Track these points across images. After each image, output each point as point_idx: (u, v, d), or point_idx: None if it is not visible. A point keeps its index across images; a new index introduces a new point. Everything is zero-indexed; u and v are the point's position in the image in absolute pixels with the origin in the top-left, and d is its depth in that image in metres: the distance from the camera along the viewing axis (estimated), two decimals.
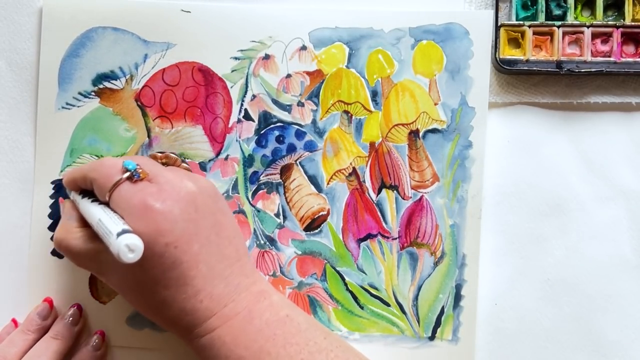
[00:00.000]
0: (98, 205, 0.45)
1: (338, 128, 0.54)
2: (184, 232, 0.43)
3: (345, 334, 0.53)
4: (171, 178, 0.44)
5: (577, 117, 0.54)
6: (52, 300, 0.53)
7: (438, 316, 0.53)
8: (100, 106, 0.54)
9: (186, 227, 0.43)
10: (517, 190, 0.54)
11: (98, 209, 0.44)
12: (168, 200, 0.43)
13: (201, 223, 0.44)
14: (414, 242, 0.53)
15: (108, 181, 0.43)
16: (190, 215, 0.43)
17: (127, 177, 0.43)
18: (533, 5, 0.54)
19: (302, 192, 0.54)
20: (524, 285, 0.54)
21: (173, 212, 0.42)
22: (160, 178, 0.44)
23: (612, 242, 0.54)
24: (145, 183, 0.43)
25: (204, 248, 0.44)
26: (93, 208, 0.44)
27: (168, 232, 0.42)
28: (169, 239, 0.42)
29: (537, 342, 0.54)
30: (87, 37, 0.54)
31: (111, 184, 0.43)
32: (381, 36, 0.53)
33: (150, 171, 0.44)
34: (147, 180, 0.44)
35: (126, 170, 0.44)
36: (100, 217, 0.42)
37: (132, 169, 0.43)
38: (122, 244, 0.39)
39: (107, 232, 0.40)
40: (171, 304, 0.43)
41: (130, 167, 0.44)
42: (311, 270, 0.54)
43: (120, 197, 0.43)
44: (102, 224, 0.42)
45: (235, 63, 0.54)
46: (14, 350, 0.49)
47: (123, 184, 0.43)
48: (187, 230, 0.43)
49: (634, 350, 0.53)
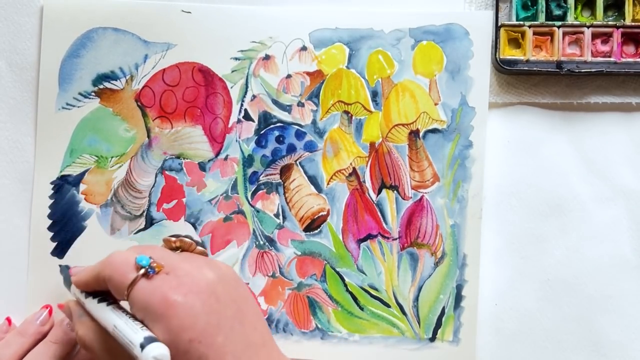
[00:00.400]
0: (108, 307, 0.44)
1: (338, 128, 0.54)
2: (207, 326, 0.41)
3: (345, 336, 0.53)
4: (189, 269, 0.43)
5: (577, 117, 0.54)
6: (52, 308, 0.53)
7: (439, 317, 0.53)
8: (100, 106, 0.54)
9: (209, 320, 0.41)
10: (517, 191, 0.54)
11: (110, 314, 0.43)
12: (189, 294, 0.41)
13: (223, 313, 0.42)
14: (414, 242, 0.53)
15: (123, 280, 0.42)
16: (212, 306, 0.42)
17: (143, 274, 0.42)
18: (533, 5, 0.54)
19: (302, 193, 0.53)
20: (524, 285, 0.54)
21: (195, 306, 0.41)
22: (178, 270, 0.43)
23: (612, 242, 0.54)
24: (162, 277, 0.42)
25: (229, 339, 0.42)
26: (105, 313, 0.43)
27: (191, 327, 0.41)
28: (192, 334, 0.40)
29: (537, 342, 0.53)
30: (87, 38, 0.54)
31: (127, 283, 0.42)
32: (381, 37, 0.54)
33: (166, 263, 0.43)
34: (164, 272, 0.43)
35: (140, 267, 0.42)
36: (115, 324, 0.41)
37: (145, 265, 0.42)
38: (150, 356, 0.38)
39: (128, 343, 0.40)
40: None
41: (144, 263, 0.42)
42: (311, 271, 0.53)
43: (138, 297, 0.41)
44: (120, 332, 0.41)
45: (235, 63, 0.54)
46: (9, 352, 0.49)
47: (139, 282, 0.42)
48: (210, 322, 0.41)
49: (634, 350, 0.53)
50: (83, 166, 0.54)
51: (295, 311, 0.53)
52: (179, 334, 0.40)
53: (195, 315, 0.41)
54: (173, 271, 0.43)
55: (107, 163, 0.54)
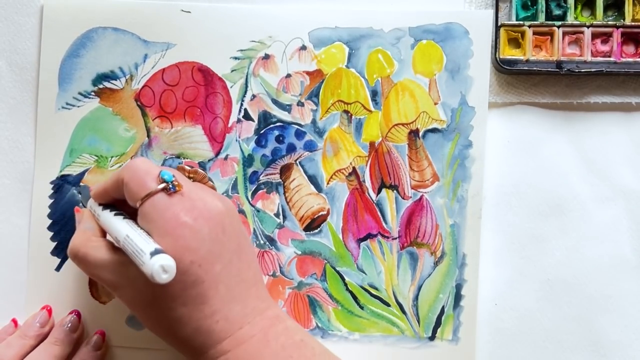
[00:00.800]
0: (123, 220, 0.44)
1: (338, 128, 0.54)
2: (209, 253, 0.43)
3: (345, 334, 0.53)
4: (203, 196, 0.44)
5: (577, 117, 0.54)
6: (51, 308, 0.53)
7: (438, 316, 0.53)
8: (100, 106, 0.54)
9: (212, 247, 0.43)
10: (517, 190, 0.54)
11: (124, 224, 0.43)
12: (200, 218, 0.43)
13: (226, 245, 0.44)
14: (414, 242, 0.53)
15: (142, 188, 0.43)
16: (218, 236, 0.43)
17: (163, 189, 0.43)
18: (533, 5, 0.54)
19: (302, 192, 0.54)
20: (524, 285, 0.54)
21: (203, 230, 0.42)
22: (192, 194, 0.44)
23: (612, 242, 0.54)
24: (179, 197, 0.43)
25: (225, 270, 0.43)
26: (119, 223, 0.44)
27: (194, 250, 0.42)
28: (194, 257, 0.42)
29: (537, 342, 0.54)
30: (87, 38, 0.54)
31: (145, 192, 0.43)
32: (381, 36, 0.53)
33: (184, 185, 0.44)
34: (180, 194, 0.43)
35: (162, 181, 0.43)
36: (128, 233, 0.42)
37: (169, 180, 0.43)
38: (157, 265, 0.39)
39: (138, 250, 0.40)
40: (187, 323, 0.43)
41: (167, 178, 0.43)
42: (311, 270, 0.54)
43: (153, 207, 0.42)
44: (131, 241, 0.41)
45: (235, 63, 0.54)
46: (10, 353, 0.49)
47: (158, 194, 0.43)
48: (213, 250, 0.43)
49: (634, 350, 0.53)
50: (83, 166, 0.54)
51: (296, 310, 0.53)
52: (182, 254, 0.41)
53: (200, 240, 0.42)
54: (188, 194, 0.44)
55: (107, 163, 0.54)
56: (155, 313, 0.43)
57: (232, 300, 0.44)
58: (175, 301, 0.42)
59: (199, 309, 0.43)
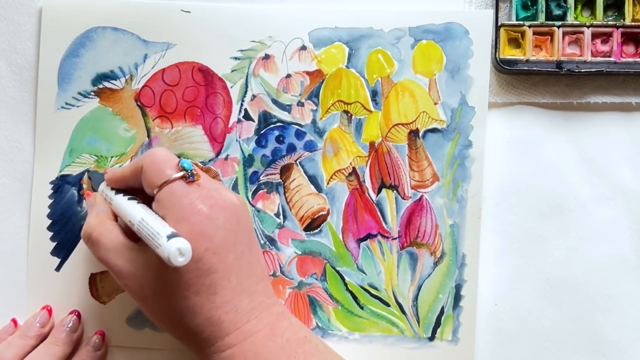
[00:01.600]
0: (138, 204, 0.45)
1: (338, 128, 0.54)
2: (224, 241, 0.43)
3: (345, 334, 0.53)
4: (218, 187, 0.45)
5: (577, 117, 0.54)
6: (52, 308, 0.53)
7: (438, 316, 0.53)
8: (100, 106, 0.54)
9: (226, 236, 0.43)
10: (517, 190, 0.54)
11: (140, 208, 0.44)
12: (215, 207, 0.43)
13: (240, 236, 0.44)
14: (413, 242, 0.53)
15: (161, 175, 0.44)
16: (232, 226, 0.44)
17: (181, 177, 0.44)
18: (533, 5, 0.54)
19: (302, 192, 0.54)
20: (524, 285, 0.54)
21: (218, 219, 0.43)
22: (208, 184, 0.45)
23: (612, 242, 0.54)
24: (196, 186, 0.44)
25: (238, 261, 0.44)
26: (135, 206, 0.44)
27: (210, 237, 0.42)
28: (209, 244, 0.42)
29: (537, 342, 0.54)
30: (86, 37, 0.54)
31: (164, 179, 0.44)
32: (381, 36, 0.53)
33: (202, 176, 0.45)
34: (197, 184, 0.44)
35: (182, 169, 0.44)
36: (143, 217, 0.42)
37: (188, 169, 0.44)
38: (174, 247, 0.39)
39: (154, 233, 0.40)
40: (198, 312, 0.43)
41: (187, 166, 0.44)
42: (311, 270, 0.54)
43: (170, 194, 0.43)
44: (147, 224, 0.41)
45: (235, 63, 0.54)
46: (11, 353, 0.49)
47: (176, 182, 0.44)
48: (227, 239, 0.43)
49: (634, 350, 0.53)
50: (83, 166, 0.54)
51: (296, 310, 0.54)
52: (197, 240, 0.42)
53: (216, 228, 0.43)
54: (204, 184, 0.44)
55: (106, 163, 0.54)
56: (167, 302, 0.43)
57: (242, 292, 0.44)
58: (189, 289, 0.42)
59: (210, 299, 0.43)
